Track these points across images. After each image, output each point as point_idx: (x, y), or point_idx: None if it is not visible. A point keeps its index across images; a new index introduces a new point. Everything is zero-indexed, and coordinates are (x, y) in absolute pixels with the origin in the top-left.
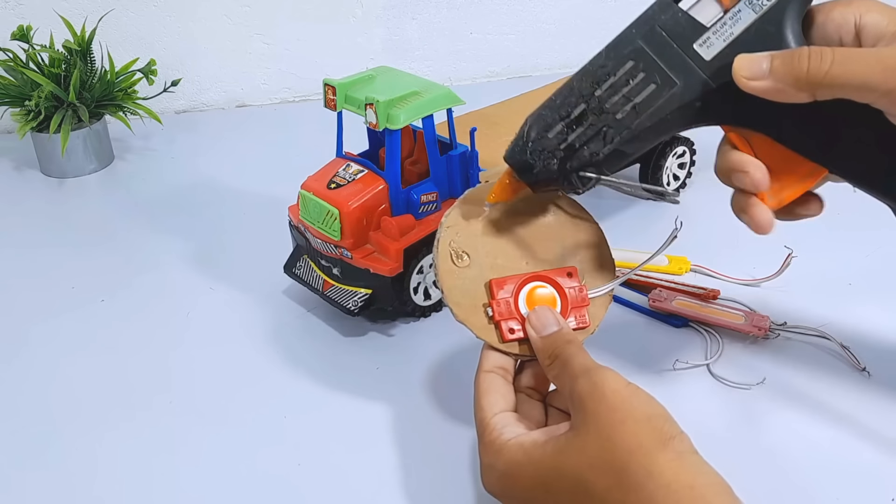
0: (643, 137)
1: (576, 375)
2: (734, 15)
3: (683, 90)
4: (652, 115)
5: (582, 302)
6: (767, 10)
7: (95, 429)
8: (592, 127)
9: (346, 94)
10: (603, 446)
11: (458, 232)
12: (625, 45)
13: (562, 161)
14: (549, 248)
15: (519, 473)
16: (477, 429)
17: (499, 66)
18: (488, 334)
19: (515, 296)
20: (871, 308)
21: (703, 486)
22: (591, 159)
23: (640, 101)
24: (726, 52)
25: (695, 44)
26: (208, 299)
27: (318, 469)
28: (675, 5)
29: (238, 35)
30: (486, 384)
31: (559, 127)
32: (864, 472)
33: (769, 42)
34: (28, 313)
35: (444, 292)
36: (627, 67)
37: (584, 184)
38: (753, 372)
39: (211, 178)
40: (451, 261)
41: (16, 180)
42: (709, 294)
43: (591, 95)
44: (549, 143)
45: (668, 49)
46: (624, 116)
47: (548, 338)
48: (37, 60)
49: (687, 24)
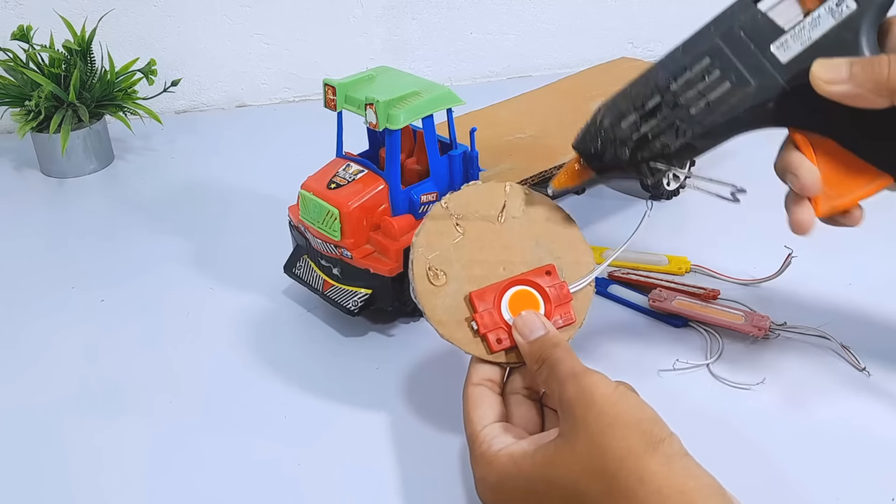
0: (715, 134)
1: (563, 380)
2: (814, 20)
3: (757, 90)
4: (725, 112)
5: (564, 299)
6: (846, 18)
7: (95, 428)
8: (665, 120)
9: (346, 94)
10: (592, 453)
11: (431, 250)
12: (702, 42)
13: (633, 151)
14: (523, 249)
15: (510, 485)
16: (467, 441)
17: (499, 66)
18: (476, 348)
19: (497, 305)
20: (871, 308)
21: (694, 489)
22: (662, 151)
23: (715, 98)
24: (803, 55)
25: (772, 45)
26: (208, 299)
27: (318, 469)
28: (754, 6)
29: (238, 35)
30: (475, 397)
31: (633, 117)
32: (864, 472)
33: (845, 49)
34: (28, 313)
35: (426, 312)
36: (704, 64)
37: (653, 174)
38: (753, 372)
39: (211, 178)
40: (428, 280)
41: (16, 180)
42: (709, 294)
43: (667, 89)
44: (622, 132)
45: (745, 49)
46: (697, 112)
47: (535, 342)
48: (37, 60)
49: (765, 26)
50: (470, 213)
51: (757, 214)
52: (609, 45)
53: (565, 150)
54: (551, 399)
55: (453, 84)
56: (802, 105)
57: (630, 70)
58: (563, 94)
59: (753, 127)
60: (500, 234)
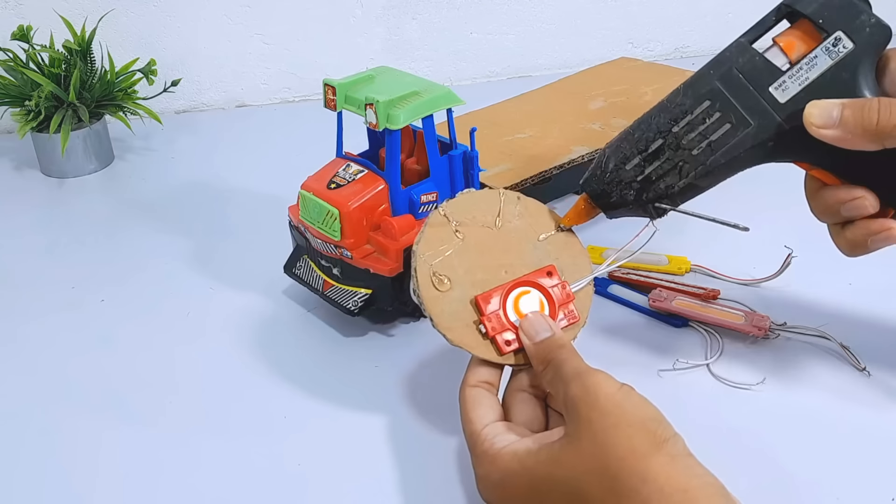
0: (717, 173)
1: (568, 380)
2: (810, 60)
3: (758, 130)
4: (726, 152)
5: (567, 298)
6: (843, 57)
7: (95, 428)
8: (669, 161)
9: (346, 95)
10: (596, 452)
11: (432, 257)
12: (702, 85)
13: (638, 192)
14: (522, 252)
15: (514, 482)
16: (468, 441)
17: (499, 66)
18: (486, 351)
19: (503, 307)
20: (872, 308)
21: (697, 488)
22: (667, 192)
23: (716, 139)
24: (801, 95)
25: (770, 87)
26: (208, 299)
27: (318, 469)
28: (751, 48)
29: (238, 35)
30: (473, 398)
31: (637, 160)
32: (864, 472)
33: (843, 88)
34: (28, 313)
35: (434, 319)
36: (704, 106)
37: (659, 214)
38: (753, 372)
39: (211, 178)
40: (434, 287)
41: (16, 180)
42: (709, 294)
43: (669, 131)
44: (627, 174)
45: (744, 91)
46: (699, 153)
47: (540, 344)
48: (37, 60)
49: (763, 68)
50: (468, 219)
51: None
52: (609, 45)
53: (565, 150)
54: (556, 400)
55: (453, 84)
56: (801, 142)
57: (630, 70)
58: (563, 94)
59: (754, 163)
60: (498, 239)
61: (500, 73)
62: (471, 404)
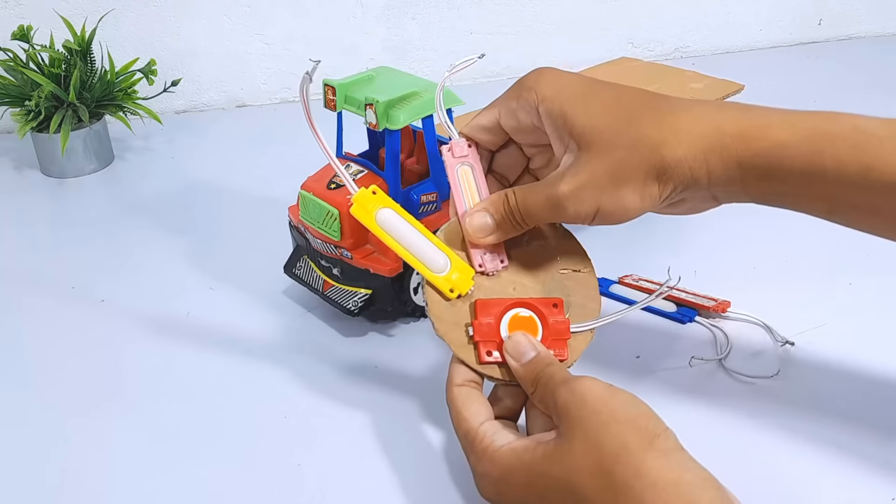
0: None
1: (556, 388)
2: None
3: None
4: None
5: (563, 335)
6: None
7: (95, 428)
8: None
9: (346, 95)
10: (589, 450)
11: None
12: None
13: None
14: (537, 277)
15: (513, 479)
16: (464, 440)
17: (499, 66)
18: (466, 353)
19: (498, 319)
20: (871, 308)
21: (689, 482)
22: None
23: None
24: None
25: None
26: (208, 299)
27: (318, 469)
28: None
29: (238, 35)
30: (463, 397)
31: None
32: (864, 472)
33: None
34: (28, 313)
35: (428, 304)
36: None
37: None
38: (762, 368)
39: (211, 178)
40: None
41: (16, 180)
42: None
43: None
44: None
45: None
46: None
47: (528, 364)
48: (37, 60)
49: None
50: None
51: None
52: (609, 45)
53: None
54: (549, 410)
55: (453, 84)
56: None
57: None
58: None
59: None
60: (519, 256)
61: (500, 73)
62: (462, 403)
